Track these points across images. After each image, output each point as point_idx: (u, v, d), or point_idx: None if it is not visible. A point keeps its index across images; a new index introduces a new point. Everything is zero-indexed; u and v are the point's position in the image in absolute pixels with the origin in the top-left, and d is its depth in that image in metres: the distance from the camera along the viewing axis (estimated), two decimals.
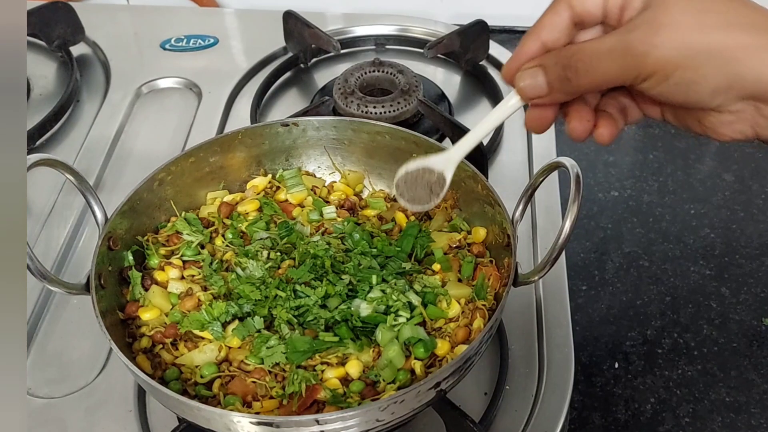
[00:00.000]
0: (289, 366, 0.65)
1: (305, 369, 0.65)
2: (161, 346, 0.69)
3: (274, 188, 0.81)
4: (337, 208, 0.79)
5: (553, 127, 0.97)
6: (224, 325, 0.68)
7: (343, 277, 0.69)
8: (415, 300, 0.68)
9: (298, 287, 0.69)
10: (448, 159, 0.62)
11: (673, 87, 0.49)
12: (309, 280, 0.69)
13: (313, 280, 0.69)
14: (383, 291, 0.68)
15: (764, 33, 0.48)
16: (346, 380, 0.65)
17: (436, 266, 0.72)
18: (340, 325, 0.67)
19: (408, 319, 0.67)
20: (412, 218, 0.78)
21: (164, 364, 0.68)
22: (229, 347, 0.68)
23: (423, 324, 0.68)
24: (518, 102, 0.56)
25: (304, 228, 0.77)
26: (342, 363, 0.65)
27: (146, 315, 0.69)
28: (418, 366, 0.65)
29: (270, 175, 0.82)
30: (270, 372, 0.65)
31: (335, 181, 0.83)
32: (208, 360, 0.67)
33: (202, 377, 0.66)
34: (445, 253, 0.74)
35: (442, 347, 0.66)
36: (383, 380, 0.64)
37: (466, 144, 0.61)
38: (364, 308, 0.67)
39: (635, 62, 0.49)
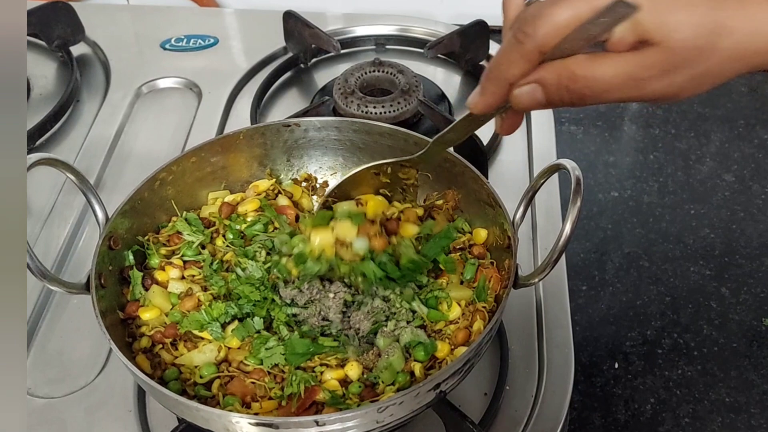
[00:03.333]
0: (288, 367, 0.65)
1: (304, 370, 0.65)
2: (161, 346, 0.69)
3: (276, 191, 0.81)
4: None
5: (553, 128, 0.98)
6: (224, 325, 0.68)
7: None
8: (422, 310, 0.68)
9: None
10: None
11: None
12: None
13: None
14: (385, 299, 0.68)
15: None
16: (345, 381, 0.65)
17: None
18: (339, 332, 0.67)
19: (408, 322, 0.67)
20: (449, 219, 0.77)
21: (164, 364, 0.68)
22: (229, 348, 0.68)
23: (423, 326, 0.68)
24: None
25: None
26: (341, 365, 0.65)
27: (146, 315, 0.69)
28: (417, 368, 0.65)
29: (274, 179, 0.82)
30: (269, 373, 0.65)
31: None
32: (207, 360, 0.67)
33: (201, 377, 0.66)
34: (447, 253, 0.73)
35: (442, 349, 0.66)
36: (382, 382, 0.64)
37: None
38: (365, 325, 0.68)
39: (644, 94, 0.50)
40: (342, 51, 1.10)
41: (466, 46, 1.07)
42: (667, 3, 0.47)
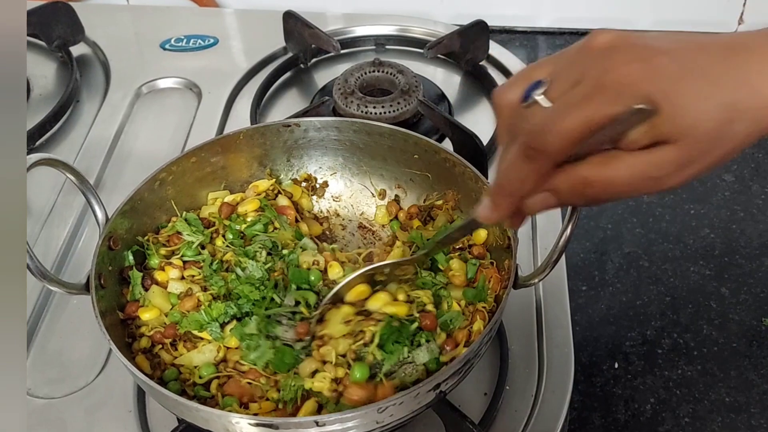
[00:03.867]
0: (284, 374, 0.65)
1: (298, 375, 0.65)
2: (160, 346, 0.69)
3: (276, 191, 0.81)
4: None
5: None
6: (223, 325, 0.68)
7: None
8: (424, 357, 0.65)
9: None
10: None
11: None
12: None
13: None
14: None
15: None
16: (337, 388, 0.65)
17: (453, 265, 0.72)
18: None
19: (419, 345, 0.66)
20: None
21: (163, 364, 0.68)
22: (228, 348, 0.68)
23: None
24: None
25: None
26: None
27: (146, 315, 0.69)
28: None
29: (274, 179, 0.82)
30: (265, 375, 0.65)
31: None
32: (206, 360, 0.67)
33: (200, 378, 0.66)
34: (447, 254, 0.73)
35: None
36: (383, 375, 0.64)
37: None
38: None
39: (661, 189, 0.49)
40: (342, 51, 1.10)
41: (466, 46, 1.07)
42: (684, 102, 0.45)
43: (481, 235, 0.74)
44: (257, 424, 0.58)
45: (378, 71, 1.00)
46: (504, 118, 0.52)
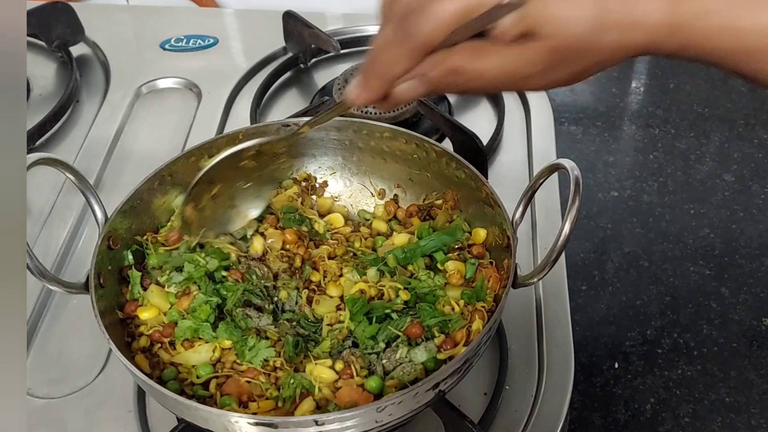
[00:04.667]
0: (285, 370, 0.65)
1: (300, 372, 0.65)
2: (159, 345, 0.69)
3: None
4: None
5: (553, 127, 0.98)
6: (216, 324, 0.68)
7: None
8: (422, 356, 0.66)
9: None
10: None
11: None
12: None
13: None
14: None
15: None
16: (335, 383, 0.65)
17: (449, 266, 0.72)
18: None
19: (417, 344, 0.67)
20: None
21: (162, 364, 0.68)
22: (223, 348, 0.68)
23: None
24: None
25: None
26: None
27: (144, 314, 0.69)
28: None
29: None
30: (264, 372, 0.65)
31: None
32: (203, 360, 0.67)
33: (198, 377, 0.66)
34: (446, 253, 0.73)
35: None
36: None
37: None
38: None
39: (529, 89, 0.50)
40: (342, 51, 1.09)
41: None
42: None
43: (481, 234, 0.74)
44: (256, 423, 0.57)
45: None
46: None
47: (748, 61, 0.49)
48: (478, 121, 1.01)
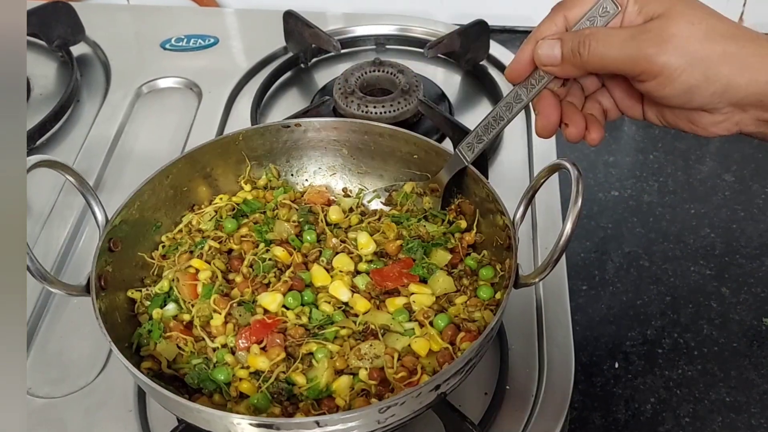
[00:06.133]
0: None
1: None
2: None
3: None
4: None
5: None
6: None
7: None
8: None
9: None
10: None
11: (678, 89, 0.55)
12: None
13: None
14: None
15: (750, 42, 0.55)
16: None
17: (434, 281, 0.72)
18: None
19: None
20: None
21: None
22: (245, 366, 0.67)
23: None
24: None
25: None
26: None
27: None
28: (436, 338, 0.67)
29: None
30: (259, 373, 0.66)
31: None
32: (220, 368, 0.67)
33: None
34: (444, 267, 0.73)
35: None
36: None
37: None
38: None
39: (644, 60, 0.55)
40: (342, 51, 1.09)
41: (467, 46, 1.07)
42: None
43: (461, 225, 0.75)
44: (258, 425, 0.58)
45: (378, 71, 1.00)
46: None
47: None
48: (479, 120, 1.01)
